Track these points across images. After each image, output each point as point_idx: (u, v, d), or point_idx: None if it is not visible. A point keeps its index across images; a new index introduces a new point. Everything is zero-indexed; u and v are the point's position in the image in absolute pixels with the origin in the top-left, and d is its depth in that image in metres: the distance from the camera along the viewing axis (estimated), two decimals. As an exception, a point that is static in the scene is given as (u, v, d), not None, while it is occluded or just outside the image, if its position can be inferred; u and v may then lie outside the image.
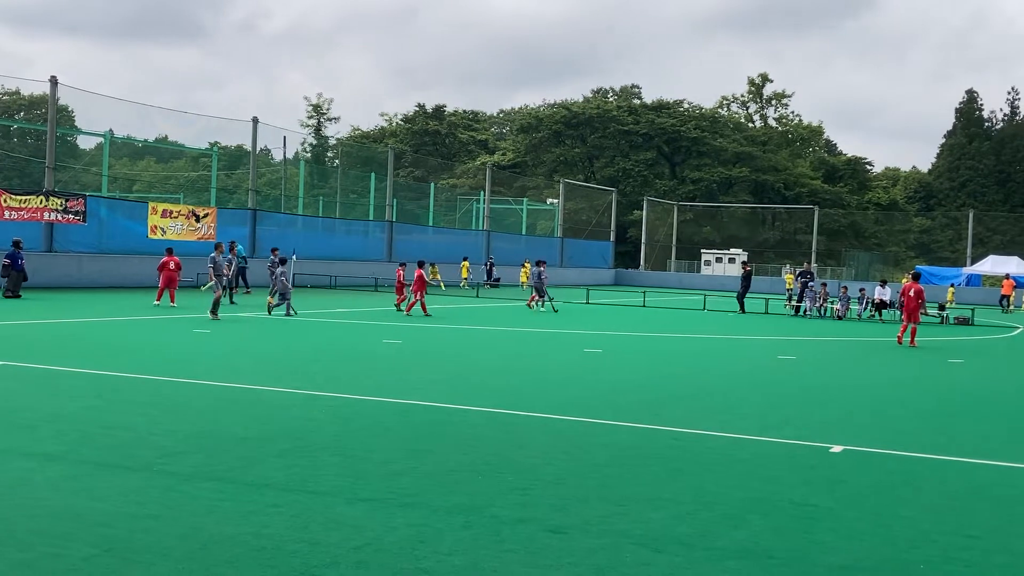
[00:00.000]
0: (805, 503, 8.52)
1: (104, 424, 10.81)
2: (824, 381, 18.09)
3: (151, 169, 78.06)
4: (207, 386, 13.93)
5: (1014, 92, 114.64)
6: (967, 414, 14.63)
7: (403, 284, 32.05)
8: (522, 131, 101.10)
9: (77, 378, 14.34)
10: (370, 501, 8.02)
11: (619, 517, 7.82)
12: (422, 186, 71.93)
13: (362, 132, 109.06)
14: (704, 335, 27.77)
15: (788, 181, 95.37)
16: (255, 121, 46.22)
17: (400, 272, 32.47)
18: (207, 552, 6.56)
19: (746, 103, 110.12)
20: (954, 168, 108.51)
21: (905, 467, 10.31)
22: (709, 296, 45.66)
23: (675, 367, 19.52)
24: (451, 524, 7.44)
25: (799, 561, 6.91)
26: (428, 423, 11.71)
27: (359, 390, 14.00)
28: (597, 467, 9.62)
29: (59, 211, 36.36)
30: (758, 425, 12.44)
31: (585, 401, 13.91)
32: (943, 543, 7.51)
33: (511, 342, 23.70)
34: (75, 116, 60.15)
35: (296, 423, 11.30)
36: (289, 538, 6.91)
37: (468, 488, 8.56)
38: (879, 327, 33.77)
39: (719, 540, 7.33)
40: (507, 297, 45.66)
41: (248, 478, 8.62)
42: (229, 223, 44.81)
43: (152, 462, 9.08)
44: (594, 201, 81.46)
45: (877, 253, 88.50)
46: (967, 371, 21.05)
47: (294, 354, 18.65)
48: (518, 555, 6.76)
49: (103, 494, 7.92)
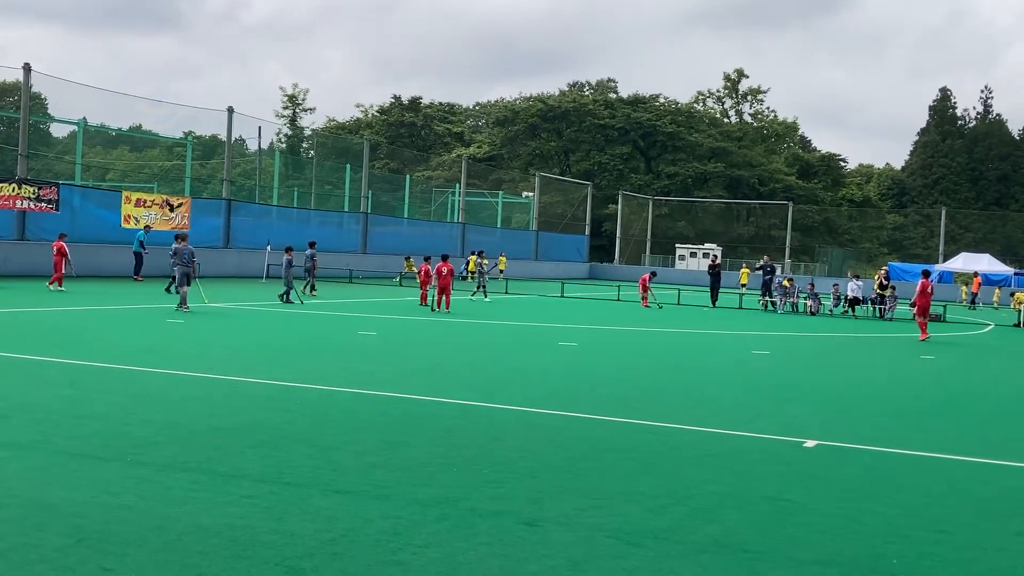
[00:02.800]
0: (779, 498, 8.57)
1: (77, 414, 10.74)
2: (798, 376, 18.20)
3: (125, 158, 77.40)
4: (182, 376, 13.86)
5: (987, 91, 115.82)
6: (939, 410, 14.75)
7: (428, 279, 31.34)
8: (498, 124, 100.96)
9: (50, 367, 14.23)
10: (345, 493, 8.00)
11: (594, 510, 7.84)
12: (397, 178, 71.77)
13: (337, 123, 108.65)
14: (678, 329, 27.86)
15: (763, 177, 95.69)
16: (230, 111, 45.98)
17: (426, 267, 31.79)
18: (181, 543, 6.53)
19: (721, 99, 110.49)
20: (927, 166, 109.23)
21: (878, 462, 10.38)
22: (683, 291, 45.79)
23: (650, 361, 19.57)
24: (426, 516, 7.43)
25: (773, 555, 6.94)
26: (404, 415, 11.70)
27: (334, 382, 13.96)
28: (572, 460, 9.63)
29: (32, 199, 36.06)
30: (733, 420, 12.49)
31: (560, 394, 13.93)
32: (916, 538, 7.57)
33: (486, 335, 23.69)
34: (48, 104, 59.63)
35: (271, 415, 11.26)
36: (264, 529, 6.89)
37: (443, 481, 8.55)
38: (852, 323, 33.96)
39: (693, 534, 7.36)
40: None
41: (223, 469, 8.59)
42: (203, 213, 44.60)
43: (126, 452, 9.02)
44: (569, 195, 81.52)
45: (850, 249, 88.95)
46: (939, 367, 21.21)
47: (269, 345, 18.58)
48: (493, 548, 6.76)
49: (76, 484, 7.87)
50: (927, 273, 28.45)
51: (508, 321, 27.72)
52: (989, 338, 31.30)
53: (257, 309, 26.75)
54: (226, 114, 46.05)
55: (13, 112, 57.54)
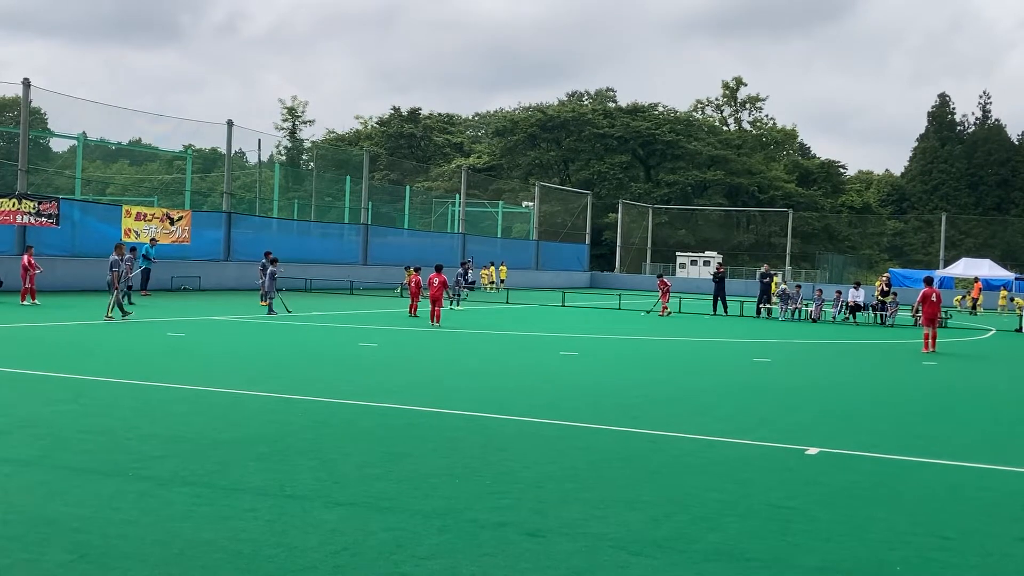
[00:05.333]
0: (781, 505, 8.56)
1: (79, 428, 10.74)
2: (799, 383, 18.18)
3: (125, 172, 77.45)
4: (183, 390, 13.85)
5: (986, 96, 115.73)
6: (942, 416, 14.75)
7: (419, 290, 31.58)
8: (497, 134, 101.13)
9: (52, 382, 14.23)
10: (347, 505, 8.00)
11: (597, 520, 7.83)
12: (397, 189, 71.80)
13: (337, 135, 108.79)
14: (680, 337, 27.84)
15: (762, 184, 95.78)
16: (230, 124, 46.04)
17: (416, 277, 31.98)
18: (184, 557, 6.53)
19: (720, 107, 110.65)
20: (927, 172, 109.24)
21: (880, 469, 10.38)
22: (684, 298, 45.78)
23: (651, 370, 19.55)
24: (429, 528, 7.43)
25: (775, 563, 6.94)
26: (405, 427, 11.69)
27: (336, 393, 13.96)
28: (575, 470, 9.63)
29: (32, 214, 36.07)
30: (734, 427, 12.49)
31: (562, 404, 13.92)
32: (919, 544, 7.56)
33: (486, 345, 23.69)
34: (48, 118, 59.75)
35: (273, 427, 11.26)
36: (266, 543, 6.88)
37: (446, 492, 8.55)
38: (853, 330, 33.95)
39: (696, 542, 7.36)
40: (482, 300, 45.64)
41: (225, 482, 8.58)
42: (204, 226, 44.61)
43: (128, 467, 9.02)
44: (569, 204, 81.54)
45: (851, 256, 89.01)
46: (941, 373, 21.19)
47: (270, 357, 18.58)
48: (496, 559, 6.76)
49: (78, 499, 7.87)
50: (930, 280, 28.11)
51: (509, 331, 27.71)
52: (991, 344, 31.27)
53: (258, 322, 26.74)
54: (226, 127, 46.12)
55: (13, 127, 57.55)
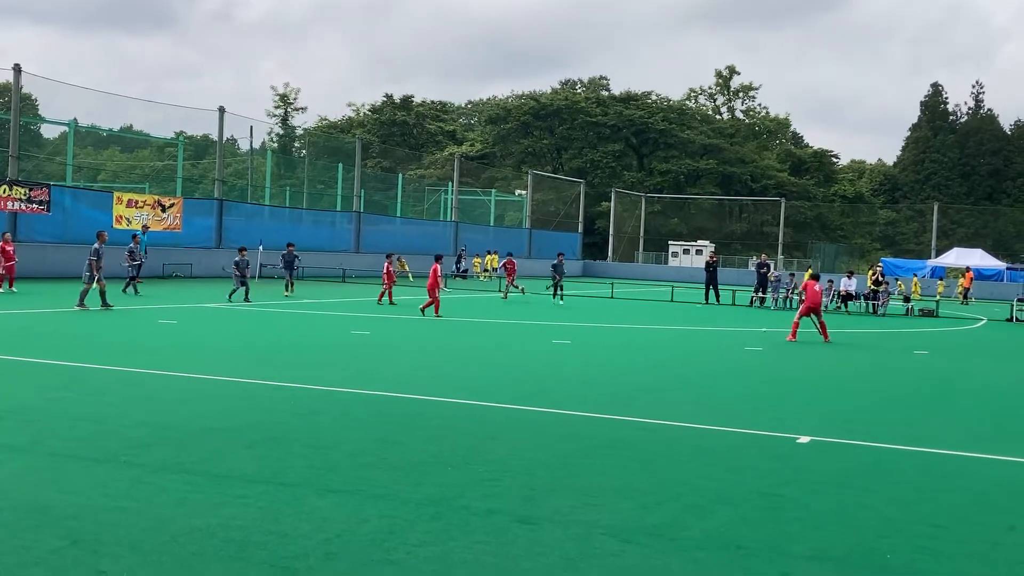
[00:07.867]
0: (773, 493, 8.58)
1: (71, 416, 10.72)
2: (791, 372, 18.23)
3: (116, 158, 77.33)
4: (175, 377, 13.84)
5: (979, 86, 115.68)
6: (932, 405, 14.80)
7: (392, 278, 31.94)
8: (490, 122, 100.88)
9: (43, 369, 14.21)
10: (340, 493, 8.00)
11: (589, 508, 7.85)
12: (390, 176, 71.72)
13: (329, 122, 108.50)
14: (672, 326, 27.87)
15: (755, 173, 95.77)
16: (221, 111, 45.92)
17: (388, 265, 32.13)
18: (176, 544, 6.53)
19: (713, 95, 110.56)
20: (919, 161, 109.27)
21: (872, 458, 10.41)
22: (677, 287, 45.82)
23: (643, 358, 19.58)
24: (421, 515, 7.43)
25: (767, 551, 6.96)
26: (398, 415, 11.70)
27: (328, 381, 13.95)
28: (566, 458, 9.64)
29: (23, 200, 35.99)
30: (726, 416, 12.51)
31: (554, 392, 13.94)
32: (910, 532, 7.58)
33: (479, 333, 23.70)
34: (39, 105, 59.56)
35: (265, 415, 11.26)
36: (258, 530, 6.88)
37: (437, 479, 8.55)
38: (845, 318, 34.01)
39: (688, 530, 7.37)
40: (475, 288, 45.64)
41: (217, 470, 8.58)
42: (195, 213, 44.54)
43: (120, 454, 9.01)
44: (562, 192, 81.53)
45: (843, 245, 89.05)
46: (932, 363, 21.25)
47: (263, 345, 18.57)
48: (488, 546, 6.77)
49: (70, 486, 7.86)
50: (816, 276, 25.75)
51: (501, 320, 27.72)
52: (982, 333, 31.35)
53: (249, 309, 26.71)
54: (217, 114, 45.99)
55: (3, 113, 57.38)
